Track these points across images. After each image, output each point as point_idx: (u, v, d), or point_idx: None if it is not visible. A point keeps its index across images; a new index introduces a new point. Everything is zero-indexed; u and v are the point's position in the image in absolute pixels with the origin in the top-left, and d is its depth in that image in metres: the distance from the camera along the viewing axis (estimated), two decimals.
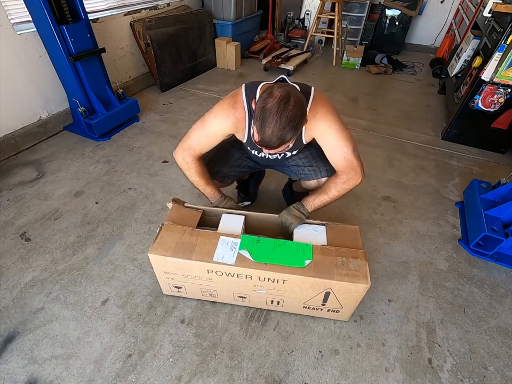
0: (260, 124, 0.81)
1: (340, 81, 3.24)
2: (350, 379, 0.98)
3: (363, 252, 1.00)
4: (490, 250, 1.36)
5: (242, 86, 1.00)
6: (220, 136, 1.06)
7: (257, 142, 0.87)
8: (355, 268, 0.96)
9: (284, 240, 1.03)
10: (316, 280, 0.94)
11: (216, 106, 1.04)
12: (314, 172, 1.19)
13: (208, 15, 3.07)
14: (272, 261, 0.96)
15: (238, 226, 1.13)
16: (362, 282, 0.93)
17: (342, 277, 0.94)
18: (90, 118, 1.98)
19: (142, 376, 0.96)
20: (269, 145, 0.84)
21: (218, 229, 1.14)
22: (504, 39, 1.75)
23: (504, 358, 1.05)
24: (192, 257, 0.98)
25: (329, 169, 1.14)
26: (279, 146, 0.85)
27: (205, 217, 1.22)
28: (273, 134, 0.80)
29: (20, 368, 0.97)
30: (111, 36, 2.33)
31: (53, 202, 1.57)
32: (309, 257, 0.97)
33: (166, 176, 1.78)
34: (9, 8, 1.69)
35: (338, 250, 1.00)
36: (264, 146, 0.86)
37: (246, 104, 0.99)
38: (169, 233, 1.04)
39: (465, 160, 2.07)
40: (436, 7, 3.92)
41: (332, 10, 3.61)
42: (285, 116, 0.78)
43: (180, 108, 2.53)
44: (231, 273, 0.98)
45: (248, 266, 0.96)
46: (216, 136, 1.06)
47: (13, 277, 1.22)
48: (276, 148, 0.85)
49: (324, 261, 0.97)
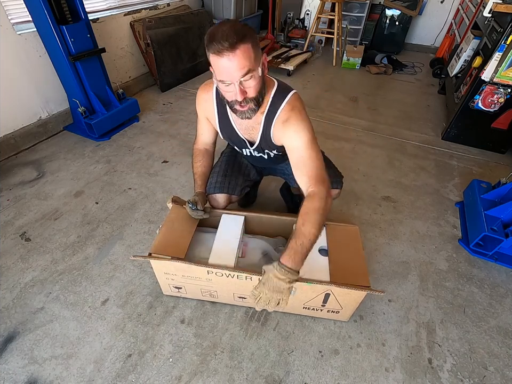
0: (210, 36, 0.76)
1: (340, 81, 3.24)
2: (350, 379, 0.98)
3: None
4: (490, 250, 1.36)
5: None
6: (203, 117, 1.13)
7: (217, 52, 0.75)
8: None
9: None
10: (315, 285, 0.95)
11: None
12: None
13: (208, 15, 3.07)
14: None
15: (237, 227, 1.13)
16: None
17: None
18: (90, 118, 1.98)
19: (142, 376, 0.96)
20: (224, 45, 0.73)
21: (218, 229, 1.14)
22: (504, 39, 1.75)
23: (504, 358, 1.06)
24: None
25: (329, 181, 1.13)
26: (237, 49, 0.74)
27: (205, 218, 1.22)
28: (223, 32, 0.74)
29: (20, 368, 0.97)
30: (111, 36, 2.33)
31: (53, 202, 1.57)
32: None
33: (166, 176, 1.78)
34: (9, 8, 1.69)
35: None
36: (224, 49, 0.74)
37: (215, 90, 1.02)
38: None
39: (465, 160, 2.07)
40: (436, 7, 3.92)
41: (332, 10, 3.61)
42: (229, 24, 0.76)
43: (180, 108, 2.53)
44: (231, 274, 0.98)
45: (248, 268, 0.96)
46: (202, 118, 1.14)
47: (13, 277, 1.22)
48: (234, 47, 0.74)
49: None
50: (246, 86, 0.82)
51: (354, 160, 2.00)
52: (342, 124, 2.42)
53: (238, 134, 1.08)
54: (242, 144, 1.12)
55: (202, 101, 1.08)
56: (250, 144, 1.11)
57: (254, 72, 0.81)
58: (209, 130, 1.16)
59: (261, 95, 0.89)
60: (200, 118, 1.15)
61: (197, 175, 1.19)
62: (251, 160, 1.28)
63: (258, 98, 0.88)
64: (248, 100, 0.85)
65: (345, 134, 2.29)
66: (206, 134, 1.18)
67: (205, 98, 1.06)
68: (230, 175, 1.21)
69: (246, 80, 0.81)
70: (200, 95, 1.08)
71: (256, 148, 1.11)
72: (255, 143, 1.09)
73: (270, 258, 1.16)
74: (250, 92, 0.84)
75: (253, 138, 1.08)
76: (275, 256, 1.15)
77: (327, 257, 1.07)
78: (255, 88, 0.85)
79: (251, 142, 1.10)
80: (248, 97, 0.85)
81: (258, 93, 0.86)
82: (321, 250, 1.11)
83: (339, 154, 2.03)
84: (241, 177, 1.25)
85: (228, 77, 0.79)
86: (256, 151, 1.14)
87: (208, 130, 1.17)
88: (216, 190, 1.17)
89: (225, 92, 0.86)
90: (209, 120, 1.12)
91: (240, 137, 1.09)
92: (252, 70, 0.80)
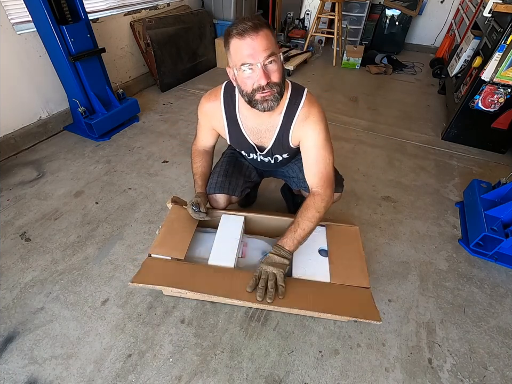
0: (232, 25, 0.79)
1: (340, 81, 3.24)
2: (350, 379, 0.98)
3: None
4: (490, 250, 1.36)
5: (224, 83, 1.05)
6: (206, 126, 1.12)
7: (240, 34, 0.77)
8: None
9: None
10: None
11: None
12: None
13: (208, 15, 3.07)
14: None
15: (237, 227, 1.13)
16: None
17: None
18: (90, 118, 1.98)
19: (142, 376, 0.96)
20: (247, 29, 0.75)
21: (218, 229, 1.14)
22: (504, 39, 1.75)
23: (504, 358, 1.05)
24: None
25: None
26: (260, 30, 0.76)
27: None
28: (244, 18, 0.77)
29: (20, 368, 0.97)
30: (111, 36, 2.33)
31: (53, 202, 1.57)
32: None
33: (166, 176, 1.78)
34: (9, 8, 1.69)
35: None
36: (248, 29, 0.76)
37: (223, 95, 1.01)
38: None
39: (465, 160, 2.07)
40: (436, 7, 3.92)
41: (332, 10, 3.61)
42: (248, 16, 0.80)
43: (179, 108, 2.53)
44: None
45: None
46: (205, 126, 1.12)
47: (13, 277, 1.22)
48: (258, 28, 0.76)
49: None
50: (269, 70, 0.81)
51: (354, 160, 2.00)
52: (342, 123, 2.42)
53: (248, 139, 1.07)
54: (251, 149, 1.11)
55: (207, 110, 1.06)
56: (259, 150, 1.11)
57: (276, 57, 0.81)
58: (211, 136, 1.15)
59: (283, 84, 0.87)
60: (202, 125, 1.13)
61: (197, 175, 1.18)
62: (254, 163, 1.27)
63: (281, 86, 0.86)
64: (272, 85, 0.83)
65: (345, 134, 2.29)
66: (206, 140, 1.18)
67: (210, 108, 1.04)
68: (231, 175, 1.20)
69: (270, 63, 0.80)
70: (205, 105, 1.06)
71: (266, 153, 1.10)
72: (266, 148, 1.08)
73: None
74: (274, 76, 0.82)
75: (264, 143, 1.07)
76: None
77: (327, 258, 1.07)
78: (279, 73, 0.83)
79: (260, 148, 1.10)
80: (272, 82, 0.82)
81: (281, 79, 0.85)
82: (321, 250, 1.11)
83: (339, 154, 2.03)
84: (241, 178, 1.24)
85: (252, 57, 0.78)
86: (264, 156, 1.13)
87: (210, 136, 1.15)
88: (217, 190, 1.16)
89: (246, 80, 0.83)
90: (215, 129, 1.10)
91: (249, 143, 1.08)
92: (274, 54, 0.80)
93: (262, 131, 1.02)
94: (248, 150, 1.13)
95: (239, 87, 0.88)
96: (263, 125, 1.00)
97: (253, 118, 1.00)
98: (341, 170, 1.25)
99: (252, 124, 1.02)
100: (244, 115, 1.01)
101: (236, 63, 0.82)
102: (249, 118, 1.00)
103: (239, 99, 0.99)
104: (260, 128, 1.02)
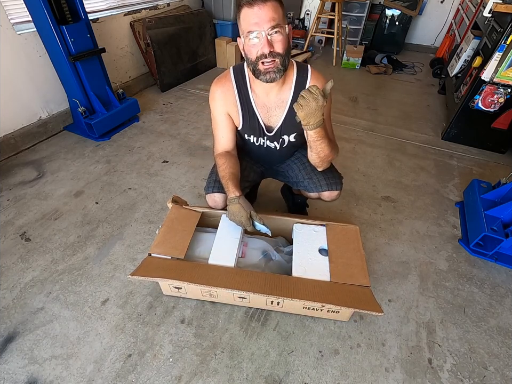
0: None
1: (340, 81, 3.24)
2: (350, 379, 0.98)
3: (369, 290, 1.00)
4: (490, 250, 1.36)
5: (231, 67, 1.07)
6: (222, 115, 1.07)
7: (249, 3, 0.83)
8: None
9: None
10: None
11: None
12: (315, 185, 1.16)
13: (208, 15, 3.07)
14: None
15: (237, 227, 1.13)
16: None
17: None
18: (90, 118, 1.98)
19: (142, 376, 0.96)
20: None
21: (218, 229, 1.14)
22: (504, 39, 1.75)
23: (504, 358, 1.05)
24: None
25: (330, 184, 1.14)
26: (268, 1, 0.82)
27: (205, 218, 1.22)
28: None
29: (20, 368, 0.97)
30: (111, 36, 2.33)
31: (53, 202, 1.57)
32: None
33: (166, 176, 1.78)
34: (9, 8, 1.69)
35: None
36: (256, 4, 0.82)
37: (233, 75, 1.03)
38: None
39: (465, 160, 2.07)
40: (436, 7, 3.92)
41: (332, 10, 3.61)
42: None
43: (180, 108, 2.53)
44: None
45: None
46: (221, 118, 1.08)
47: (13, 277, 1.22)
48: (265, 1, 0.82)
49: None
50: (273, 40, 0.85)
51: (354, 160, 2.00)
52: (342, 123, 2.42)
53: (259, 119, 1.08)
54: (260, 132, 1.11)
55: (219, 94, 1.05)
56: (268, 131, 1.11)
57: (281, 29, 0.85)
58: (230, 129, 1.10)
59: (288, 56, 0.90)
60: (217, 117, 1.08)
61: (225, 178, 1.06)
62: (258, 154, 1.23)
63: (285, 58, 0.89)
64: (274, 54, 0.86)
65: (345, 134, 2.29)
66: (226, 136, 1.11)
67: (222, 92, 1.05)
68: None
69: (275, 33, 0.84)
70: (216, 89, 1.06)
71: (274, 134, 1.11)
72: (274, 129, 1.09)
73: (270, 258, 1.16)
74: (278, 46, 0.86)
75: (272, 123, 1.09)
76: (275, 256, 1.16)
77: (327, 257, 1.07)
78: (283, 43, 0.87)
79: (269, 128, 1.10)
80: (275, 51, 0.86)
81: (285, 51, 0.88)
82: (321, 250, 1.11)
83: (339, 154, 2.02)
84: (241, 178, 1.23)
85: (257, 26, 0.82)
86: (270, 139, 1.13)
87: (228, 129, 1.10)
88: (215, 190, 1.14)
89: (251, 48, 0.87)
90: (229, 114, 1.08)
91: (260, 123, 1.08)
92: (279, 26, 0.84)
93: (272, 109, 1.05)
94: (257, 133, 1.12)
95: (246, 56, 0.92)
96: (273, 101, 1.04)
97: (264, 95, 1.03)
98: (340, 170, 1.24)
99: (262, 101, 1.04)
100: (255, 92, 1.04)
101: (243, 30, 0.86)
102: (260, 95, 1.03)
103: (249, 76, 1.02)
104: (270, 106, 1.05)
